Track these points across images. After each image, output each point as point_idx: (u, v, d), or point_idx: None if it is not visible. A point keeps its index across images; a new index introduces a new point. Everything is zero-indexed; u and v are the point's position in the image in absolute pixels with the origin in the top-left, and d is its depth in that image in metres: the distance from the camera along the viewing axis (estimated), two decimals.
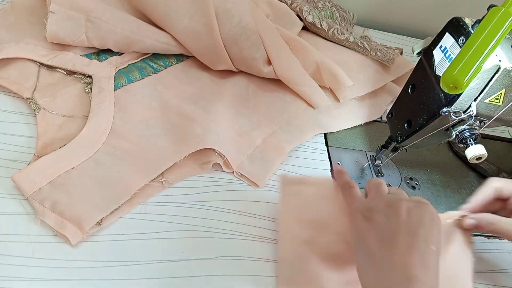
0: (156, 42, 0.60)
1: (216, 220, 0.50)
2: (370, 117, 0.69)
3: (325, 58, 0.66)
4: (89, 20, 0.56)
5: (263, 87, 0.66)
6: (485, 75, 0.45)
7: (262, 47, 0.63)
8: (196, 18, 0.59)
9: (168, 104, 0.58)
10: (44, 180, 0.45)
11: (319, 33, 0.74)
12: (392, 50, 0.72)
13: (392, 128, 0.57)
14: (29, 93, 0.53)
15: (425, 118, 0.49)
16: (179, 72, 0.63)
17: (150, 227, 0.48)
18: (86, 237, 0.44)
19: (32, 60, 0.55)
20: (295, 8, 0.73)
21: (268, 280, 0.47)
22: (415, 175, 0.64)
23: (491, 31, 0.39)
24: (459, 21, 0.47)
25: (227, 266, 0.47)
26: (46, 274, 0.41)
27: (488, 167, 0.68)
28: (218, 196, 0.53)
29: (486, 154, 0.48)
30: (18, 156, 0.48)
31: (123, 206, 0.47)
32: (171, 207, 0.50)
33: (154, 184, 0.51)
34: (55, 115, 0.52)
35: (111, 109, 0.54)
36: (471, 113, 0.47)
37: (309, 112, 0.65)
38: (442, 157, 0.69)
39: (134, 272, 0.44)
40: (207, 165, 0.54)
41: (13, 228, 0.43)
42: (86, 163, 0.48)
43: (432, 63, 0.49)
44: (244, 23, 0.61)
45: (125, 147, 0.52)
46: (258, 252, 0.49)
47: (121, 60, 0.60)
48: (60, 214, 0.44)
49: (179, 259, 0.46)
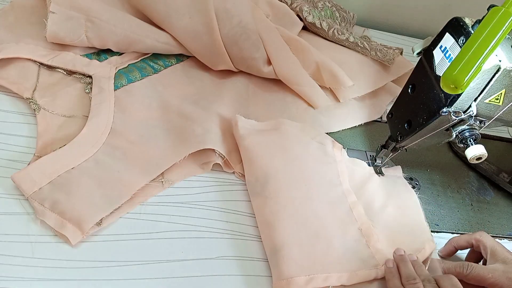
0: (156, 42, 0.60)
1: (216, 220, 0.50)
2: (370, 117, 0.69)
3: (325, 58, 0.66)
4: (89, 20, 0.56)
5: (263, 87, 0.66)
6: (485, 75, 0.45)
7: (262, 47, 0.63)
8: (196, 18, 0.59)
9: (168, 104, 0.58)
10: (44, 180, 0.45)
11: (319, 33, 0.74)
12: (392, 50, 0.72)
13: (392, 128, 0.57)
14: (29, 93, 0.53)
15: (425, 118, 0.49)
16: (179, 72, 0.63)
17: (150, 227, 0.48)
18: (86, 237, 0.44)
19: (32, 60, 0.55)
20: (295, 8, 0.73)
21: (268, 280, 0.47)
22: (415, 175, 0.64)
23: (491, 31, 0.39)
24: (459, 21, 0.47)
25: (227, 266, 0.47)
26: (46, 274, 0.41)
27: (488, 167, 0.68)
28: (218, 196, 0.53)
29: (486, 154, 0.48)
30: (18, 156, 0.48)
31: (123, 206, 0.47)
32: (171, 207, 0.50)
33: (154, 184, 0.51)
34: (55, 115, 0.52)
35: (111, 109, 0.54)
36: (471, 113, 0.47)
37: (309, 112, 0.65)
38: (442, 157, 0.69)
39: (134, 272, 0.44)
40: (208, 165, 0.54)
41: (13, 228, 0.43)
42: (86, 163, 0.48)
43: (432, 63, 0.49)
44: (244, 23, 0.60)
45: (125, 147, 0.52)
46: (258, 252, 0.49)
47: (121, 60, 0.60)
48: (60, 214, 0.44)
49: (179, 259, 0.46)
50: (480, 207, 0.64)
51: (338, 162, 0.58)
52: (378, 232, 0.53)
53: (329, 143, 0.60)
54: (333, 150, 0.59)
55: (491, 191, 0.67)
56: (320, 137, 0.60)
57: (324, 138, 0.60)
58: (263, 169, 0.53)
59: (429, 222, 0.57)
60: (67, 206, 0.44)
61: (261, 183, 0.52)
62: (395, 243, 0.53)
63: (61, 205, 0.44)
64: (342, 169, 0.58)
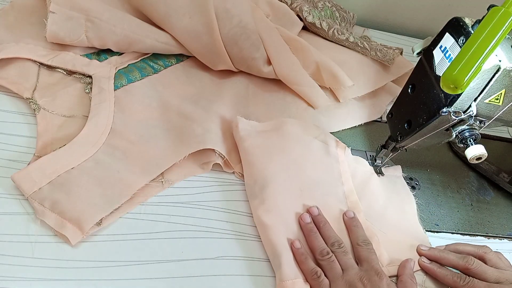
0: (156, 42, 0.60)
1: (216, 220, 0.50)
2: (370, 117, 0.69)
3: (325, 58, 0.66)
4: (89, 20, 0.56)
5: (263, 87, 0.66)
6: (485, 75, 0.45)
7: (262, 47, 0.63)
8: (196, 18, 0.59)
9: (168, 104, 0.58)
10: (44, 180, 0.45)
11: (319, 33, 0.74)
12: (392, 50, 0.72)
13: (392, 128, 0.57)
14: (29, 93, 0.53)
15: (425, 118, 0.49)
16: (179, 72, 0.63)
17: (150, 227, 0.48)
18: (86, 237, 0.44)
19: (32, 60, 0.55)
20: (295, 8, 0.73)
21: (269, 280, 0.47)
22: (415, 175, 0.64)
23: (491, 31, 0.39)
24: (459, 21, 0.47)
25: (227, 266, 0.47)
26: (46, 274, 0.41)
27: (488, 167, 0.68)
28: (218, 196, 0.53)
29: (486, 154, 0.48)
30: (18, 156, 0.48)
31: (123, 206, 0.47)
32: (171, 207, 0.50)
33: (154, 184, 0.51)
34: (55, 115, 0.52)
35: (111, 109, 0.54)
36: (471, 113, 0.47)
37: (309, 112, 0.65)
38: (442, 157, 0.69)
39: (134, 272, 0.44)
40: (208, 165, 0.54)
41: (13, 228, 0.43)
42: (86, 163, 0.48)
43: (432, 63, 0.49)
44: (244, 23, 0.60)
45: (125, 147, 0.52)
46: (258, 252, 0.49)
47: (121, 60, 0.60)
48: (60, 214, 0.44)
49: (179, 259, 0.46)
50: (480, 207, 0.64)
51: (341, 162, 0.58)
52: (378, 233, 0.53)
53: (332, 143, 0.60)
54: (336, 149, 0.59)
55: (491, 191, 0.67)
56: (323, 136, 0.60)
57: (328, 137, 0.60)
58: (261, 172, 0.52)
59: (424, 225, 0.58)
60: (67, 206, 0.44)
61: (259, 186, 0.52)
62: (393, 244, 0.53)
63: (61, 205, 0.44)
64: (345, 169, 0.58)
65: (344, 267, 0.47)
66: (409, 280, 0.48)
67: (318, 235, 0.49)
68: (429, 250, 0.53)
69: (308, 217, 0.50)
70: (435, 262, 0.52)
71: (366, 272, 0.46)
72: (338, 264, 0.47)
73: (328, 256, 0.47)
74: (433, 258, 0.52)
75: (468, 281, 0.48)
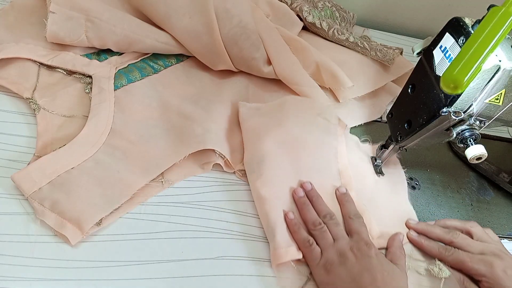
0: (156, 42, 0.60)
1: (216, 220, 0.50)
2: (370, 117, 0.69)
3: (325, 58, 0.66)
4: (89, 20, 0.56)
5: (263, 87, 0.66)
6: (485, 75, 0.45)
7: (262, 47, 0.63)
8: (196, 18, 0.59)
9: (168, 104, 0.58)
10: (44, 180, 0.45)
11: (319, 33, 0.74)
12: (392, 50, 0.72)
13: (392, 128, 0.57)
14: (29, 93, 0.53)
15: (425, 118, 0.49)
16: (179, 72, 0.63)
17: (150, 227, 0.48)
18: (86, 237, 0.44)
19: (32, 60, 0.55)
20: (295, 8, 0.73)
21: (268, 280, 0.47)
22: (415, 175, 0.64)
23: (491, 31, 0.39)
24: (459, 21, 0.47)
25: (227, 266, 0.47)
26: (46, 274, 0.41)
27: (488, 167, 0.68)
28: (218, 196, 0.53)
29: (486, 154, 0.48)
30: (18, 156, 0.48)
31: (123, 206, 0.47)
32: (171, 207, 0.50)
33: (154, 184, 0.51)
34: (55, 115, 0.52)
35: (111, 109, 0.54)
36: (471, 113, 0.47)
37: None
38: (442, 157, 0.69)
39: (134, 272, 0.44)
40: (208, 165, 0.54)
41: (13, 228, 0.43)
42: (86, 163, 0.48)
43: (432, 63, 0.49)
44: (244, 23, 0.60)
45: (125, 147, 0.52)
46: (258, 252, 0.49)
47: (121, 60, 0.60)
48: (60, 214, 0.44)
49: (179, 259, 0.46)
50: (480, 207, 0.64)
51: (340, 141, 0.60)
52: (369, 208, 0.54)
53: (334, 120, 0.61)
54: (337, 128, 0.61)
55: (491, 191, 0.67)
56: (326, 114, 0.61)
57: (330, 114, 0.62)
58: (259, 148, 0.54)
59: None
60: (67, 206, 0.44)
61: (256, 162, 0.53)
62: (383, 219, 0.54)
63: (61, 205, 0.44)
64: (342, 147, 0.59)
65: (335, 237, 0.48)
66: (398, 251, 0.50)
67: (310, 208, 0.51)
68: (417, 224, 0.55)
69: (302, 191, 0.52)
70: (422, 235, 0.54)
71: (356, 242, 0.48)
72: (330, 234, 0.49)
73: (320, 226, 0.49)
74: (421, 232, 0.54)
75: (452, 252, 0.51)
